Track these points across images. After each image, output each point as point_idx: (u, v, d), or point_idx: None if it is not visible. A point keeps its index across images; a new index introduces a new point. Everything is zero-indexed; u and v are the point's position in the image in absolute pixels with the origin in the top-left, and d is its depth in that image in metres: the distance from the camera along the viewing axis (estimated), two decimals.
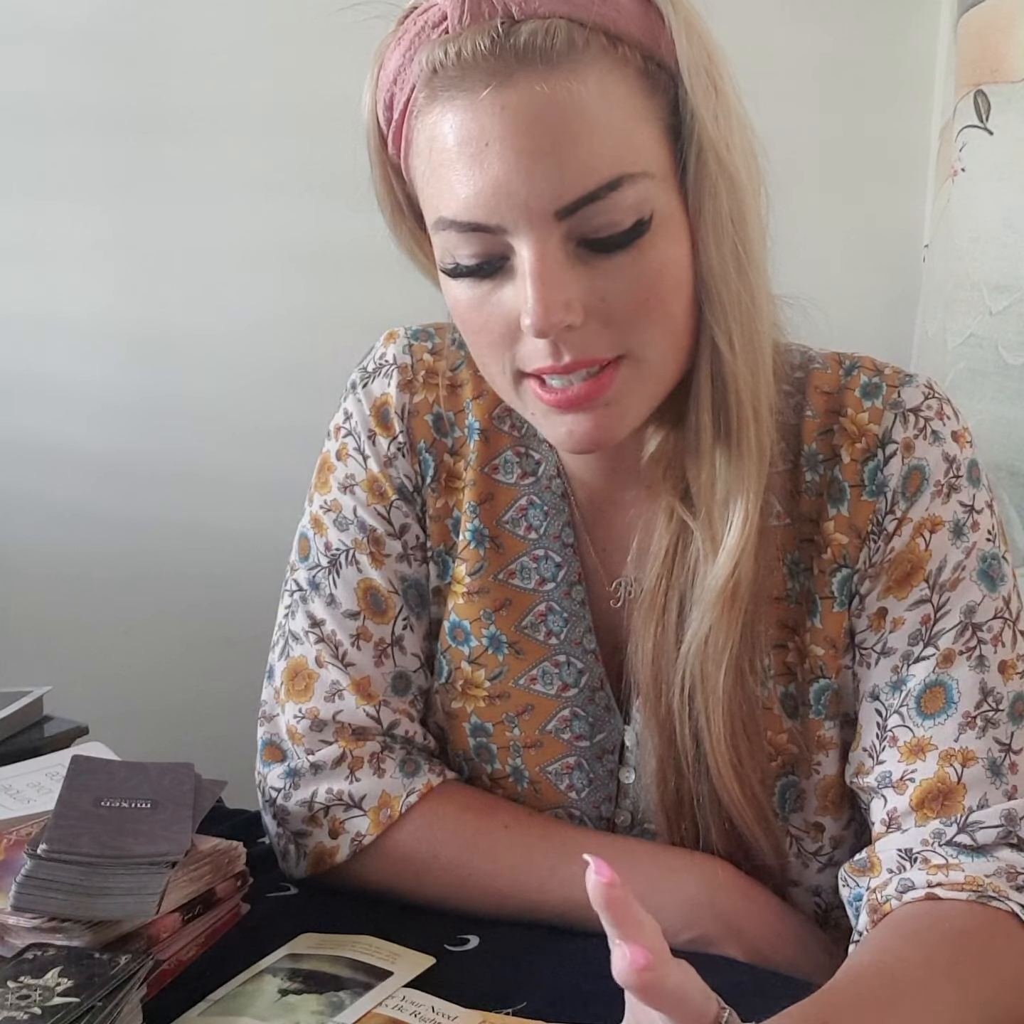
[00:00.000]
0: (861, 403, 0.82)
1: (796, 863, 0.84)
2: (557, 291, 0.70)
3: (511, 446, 0.89)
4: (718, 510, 0.78)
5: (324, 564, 0.90)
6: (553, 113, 0.68)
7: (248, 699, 1.08)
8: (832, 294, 1.73)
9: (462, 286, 0.75)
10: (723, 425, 0.78)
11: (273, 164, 1.65)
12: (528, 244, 0.70)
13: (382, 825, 0.84)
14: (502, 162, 0.69)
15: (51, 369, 1.70)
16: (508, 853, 0.84)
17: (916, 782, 0.76)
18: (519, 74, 0.68)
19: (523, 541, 0.88)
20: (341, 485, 0.90)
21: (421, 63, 0.72)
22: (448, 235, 0.73)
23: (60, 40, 1.61)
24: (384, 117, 0.77)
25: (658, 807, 0.84)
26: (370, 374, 0.91)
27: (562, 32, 0.68)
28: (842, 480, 0.81)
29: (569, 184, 0.69)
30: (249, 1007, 0.70)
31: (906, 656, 0.79)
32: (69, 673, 1.34)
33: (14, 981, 0.65)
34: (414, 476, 0.89)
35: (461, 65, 0.69)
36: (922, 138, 1.63)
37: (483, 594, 0.88)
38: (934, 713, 0.77)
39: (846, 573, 0.81)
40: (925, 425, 0.81)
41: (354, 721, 0.87)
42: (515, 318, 0.73)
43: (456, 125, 0.70)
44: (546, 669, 0.87)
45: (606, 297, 0.72)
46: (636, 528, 0.84)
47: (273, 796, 0.88)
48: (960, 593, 0.79)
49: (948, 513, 0.80)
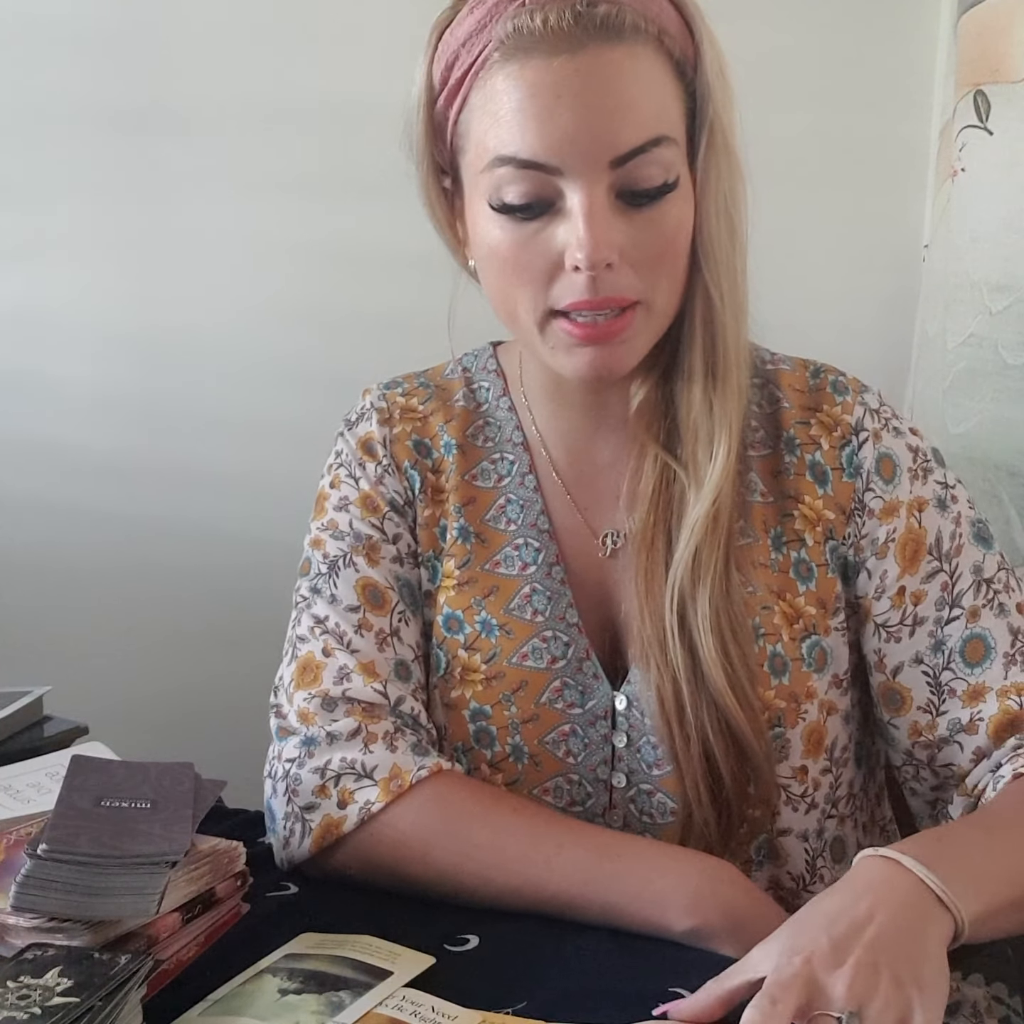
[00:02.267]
0: (834, 398, 0.95)
1: (786, 808, 0.91)
2: (604, 231, 0.82)
3: (486, 457, 1.00)
4: (702, 448, 0.90)
5: (323, 571, 0.96)
6: (617, 78, 0.82)
7: (248, 699, 1.09)
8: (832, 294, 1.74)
9: (507, 226, 0.85)
10: (711, 367, 0.90)
11: (274, 163, 1.65)
12: (581, 187, 0.82)
13: (392, 794, 0.86)
14: (571, 113, 0.81)
15: (51, 368, 1.70)
16: (516, 829, 0.85)
17: (985, 720, 0.90)
18: (592, 44, 0.81)
19: (504, 534, 0.97)
20: (336, 507, 0.99)
21: (504, 27, 0.83)
22: (504, 171, 0.84)
23: (61, 39, 1.61)
24: (441, 77, 0.88)
25: (659, 718, 0.89)
26: (353, 422, 1.02)
27: (628, 17, 0.82)
28: (824, 464, 0.94)
29: (624, 138, 0.82)
30: (249, 1007, 0.70)
31: (938, 621, 0.92)
32: (69, 673, 1.34)
33: (14, 981, 0.66)
34: (403, 491, 0.99)
35: (544, 30, 0.81)
36: (922, 138, 1.63)
37: (472, 584, 0.96)
38: (979, 661, 0.91)
39: (834, 544, 0.94)
40: (886, 423, 0.95)
41: (364, 698, 0.91)
42: (558, 255, 0.84)
43: (531, 80, 0.82)
44: (535, 645, 0.93)
45: (636, 245, 0.84)
46: (620, 481, 0.95)
47: (287, 768, 0.90)
48: (965, 556, 0.92)
49: (929, 492, 0.93)
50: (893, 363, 1.62)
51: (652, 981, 0.73)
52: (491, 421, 1.01)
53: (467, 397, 1.02)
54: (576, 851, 0.83)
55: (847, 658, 0.95)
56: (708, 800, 0.88)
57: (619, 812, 0.92)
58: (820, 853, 0.94)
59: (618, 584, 0.95)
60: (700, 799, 0.88)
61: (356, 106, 1.59)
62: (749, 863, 0.92)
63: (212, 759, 0.93)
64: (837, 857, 0.96)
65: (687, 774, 0.88)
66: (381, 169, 1.27)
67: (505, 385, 1.02)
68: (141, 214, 1.67)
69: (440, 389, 1.03)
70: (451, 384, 1.03)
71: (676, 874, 0.81)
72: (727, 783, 0.87)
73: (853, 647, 0.96)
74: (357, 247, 1.65)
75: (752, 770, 0.88)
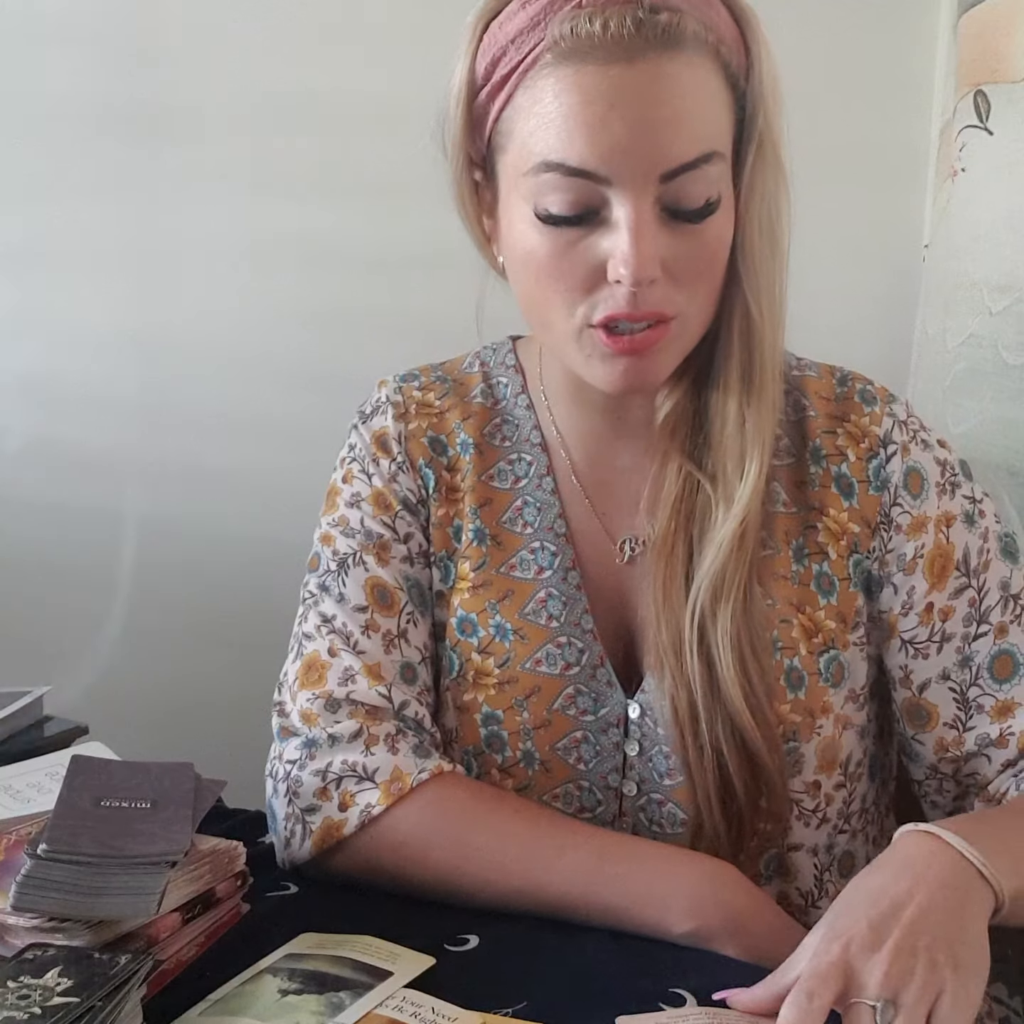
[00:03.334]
0: (862, 408, 0.93)
1: (797, 824, 0.91)
2: (651, 246, 0.81)
3: (503, 456, 0.98)
4: (732, 463, 0.88)
5: (332, 568, 0.95)
6: (673, 89, 0.79)
7: (248, 699, 1.08)
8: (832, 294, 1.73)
9: (548, 233, 0.83)
10: (748, 384, 0.88)
11: (273, 163, 1.65)
12: (629, 200, 0.80)
13: (392, 796, 0.86)
14: (624, 123, 0.79)
15: (52, 369, 1.70)
16: (517, 831, 0.85)
17: (1016, 735, 0.89)
18: (652, 52, 0.79)
19: (520, 537, 0.96)
20: (348, 503, 0.97)
21: (559, 27, 0.79)
22: (550, 177, 0.81)
23: (60, 40, 1.61)
24: (485, 71, 0.84)
25: (672, 727, 0.88)
26: (368, 415, 1.00)
27: (689, 25, 0.80)
28: (850, 476, 0.92)
29: (676, 152, 0.80)
30: (249, 1007, 0.70)
31: (965, 637, 0.91)
32: (69, 673, 1.34)
33: (14, 981, 0.65)
34: (417, 490, 0.97)
35: (603, 36, 0.78)
36: (922, 138, 1.63)
37: (487, 587, 0.94)
38: (1008, 677, 0.90)
39: (858, 558, 0.92)
40: (915, 435, 0.93)
41: (367, 700, 0.90)
42: (600, 265, 0.82)
43: (585, 86, 0.79)
44: (549, 651, 0.92)
45: (677, 260, 0.83)
46: (641, 487, 0.94)
47: (288, 769, 0.89)
48: (992, 573, 0.92)
49: (957, 507, 0.92)
50: (893, 363, 1.62)
51: (652, 981, 0.73)
52: (509, 419, 0.99)
53: (485, 393, 1.00)
54: (577, 853, 0.83)
55: (865, 672, 0.94)
56: (719, 812, 0.87)
57: (629, 820, 0.92)
58: (828, 867, 0.94)
59: (635, 591, 0.93)
60: (711, 811, 0.87)
61: (356, 106, 1.60)
62: (758, 877, 0.90)
63: (212, 759, 0.93)
64: (845, 872, 0.94)
65: (699, 785, 0.87)
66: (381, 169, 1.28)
67: (524, 382, 1.00)
68: (140, 214, 1.66)
69: (457, 384, 1.01)
70: (469, 379, 1.01)
71: (677, 876, 0.81)
72: (739, 796, 0.86)
73: (873, 661, 0.94)
74: (357, 247, 1.65)
75: (765, 784, 0.87)
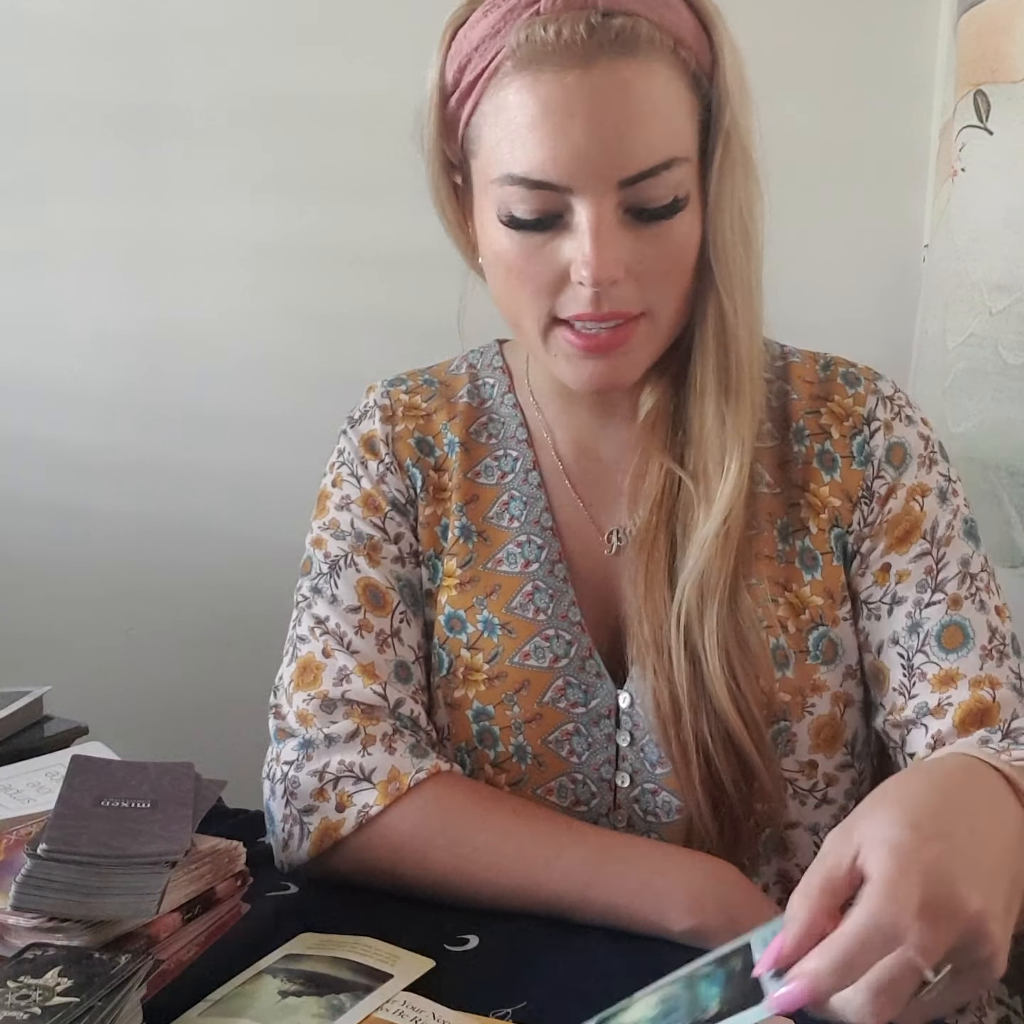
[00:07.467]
0: (845, 389, 0.95)
1: (793, 802, 0.91)
2: (610, 249, 0.82)
3: (489, 454, 0.99)
4: (713, 463, 0.89)
5: (324, 571, 0.96)
6: (630, 96, 0.80)
7: (248, 699, 1.08)
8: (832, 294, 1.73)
9: (515, 236, 0.85)
10: (724, 383, 0.89)
11: (273, 163, 1.65)
12: (589, 205, 0.81)
13: (390, 796, 0.86)
14: (582, 131, 0.80)
15: (52, 369, 1.70)
16: (516, 831, 0.85)
17: (955, 706, 0.87)
18: (605, 59, 0.80)
19: (506, 531, 0.97)
20: (337, 506, 0.99)
21: (516, 35, 0.81)
22: (515, 190, 0.83)
23: (61, 39, 1.61)
24: (453, 77, 0.86)
25: (655, 718, 0.88)
26: (357, 419, 1.02)
27: (644, 30, 0.80)
28: (833, 452, 0.93)
29: (636, 159, 0.81)
30: (249, 1008, 0.70)
31: (917, 602, 0.90)
32: (69, 673, 1.34)
33: (14, 981, 0.65)
34: (405, 490, 0.99)
35: (556, 43, 0.80)
36: (922, 138, 1.63)
37: (474, 583, 0.95)
38: (956, 648, 0.88)
39: (839, 532, 0.93)
40: (900, 411, 0.94)
41: (363, 699, 0.90)
42: (564, 267, 0.84)
43: (543, 95, 0.81)
44: (537, 644, 0.93)
45: (642, 260, 0.84)
46: (624, 481, 0.95)
47: (285, 771, 0.89)
48: (954, 548, 0.91)
49: (933, 481, 0.93)
50: (893, 363, 1.61)
51: (652, 981, 0.73)
52: (495, 418, 1.00)
53: (471, 394, 1.02)
54: (576, 852, 0.83)
55: (856, 647, 0.94)
56: (707, 803, 0.87)
57: (623, 812, 0.92)
58: None
59: (622, 582, 0.94)
60: (699, 802, 0.87)
61: (356, 106, 1.60)
62: (757, 857, 0.91)
63: (212, 759, 0.93)
64: None
65: (683, 776, 0.87)
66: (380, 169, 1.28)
67: (511, 382, 1.02)
68: (140, 214, 1.67)
69: (444, 386, 1.02)
70: (455, 380, 1.03)
71: (676, 875, 0.81)
72: (727, 786, 0.87)
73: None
74: (356, 247, 1.65)
75: (754, 773, 0.87)
